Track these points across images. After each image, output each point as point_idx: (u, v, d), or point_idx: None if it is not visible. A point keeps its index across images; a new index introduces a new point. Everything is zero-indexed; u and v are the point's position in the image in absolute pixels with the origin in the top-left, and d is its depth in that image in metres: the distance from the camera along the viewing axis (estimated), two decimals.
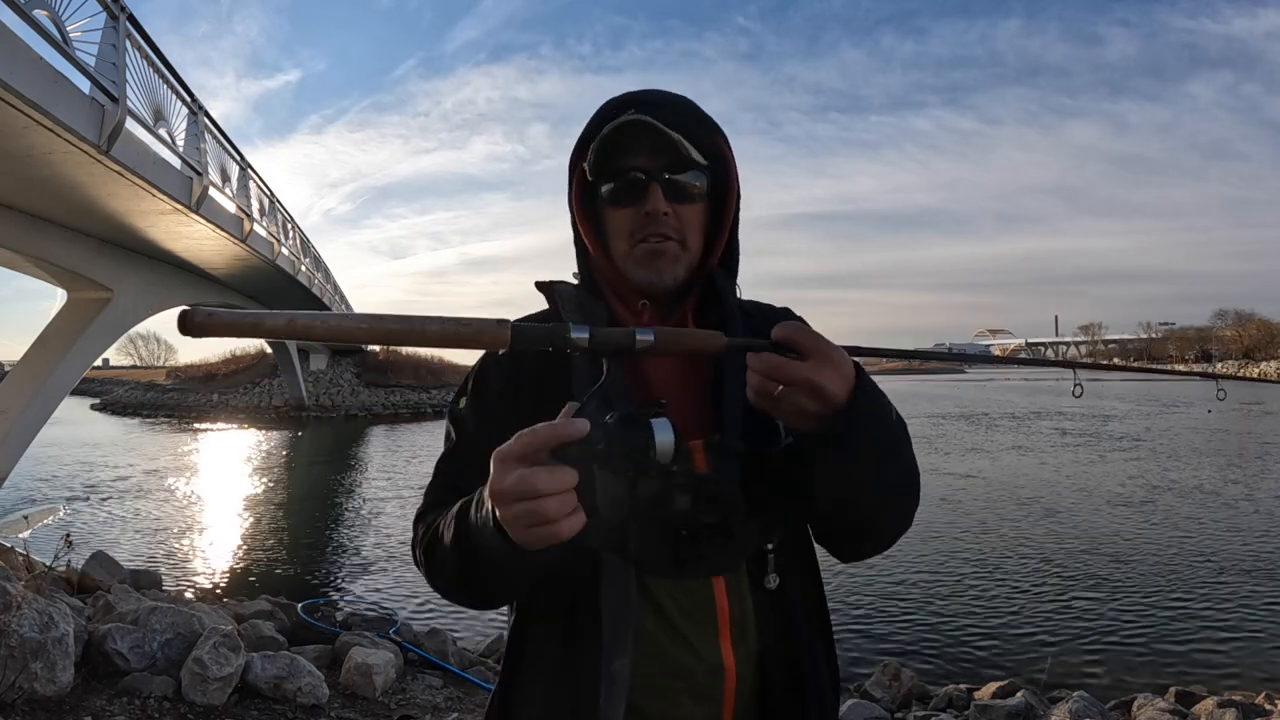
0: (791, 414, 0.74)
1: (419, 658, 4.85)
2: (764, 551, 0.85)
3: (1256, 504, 11.61)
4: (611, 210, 0.92)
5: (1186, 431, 22.39)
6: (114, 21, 6.50)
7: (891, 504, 0.84)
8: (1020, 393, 50.15)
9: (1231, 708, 4.25)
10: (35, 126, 5.60)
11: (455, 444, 0.96)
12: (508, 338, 0.67)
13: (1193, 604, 7.06)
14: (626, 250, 0.91)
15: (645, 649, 0.82)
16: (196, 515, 12.33)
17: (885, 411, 0.78)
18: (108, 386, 53.40)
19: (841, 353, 0.74)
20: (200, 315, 0.61)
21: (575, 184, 0.96)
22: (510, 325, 0.67)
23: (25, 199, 7.61)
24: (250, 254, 11.95)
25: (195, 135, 8.81)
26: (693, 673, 0.83)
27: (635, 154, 0.89)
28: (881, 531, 0.87)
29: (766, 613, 0.85)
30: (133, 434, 28.30)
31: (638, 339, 0.70)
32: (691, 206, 0.91)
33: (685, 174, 0.89)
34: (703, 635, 0.83)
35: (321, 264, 22.69)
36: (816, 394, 0.71)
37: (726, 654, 0.83)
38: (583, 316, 0.92)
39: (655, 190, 0.88)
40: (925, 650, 6.08)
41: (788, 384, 0.71)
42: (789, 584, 0.86)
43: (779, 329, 0.73)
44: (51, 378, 9.10)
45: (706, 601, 0.84)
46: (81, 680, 3.40)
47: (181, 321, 0.62)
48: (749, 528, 0.83)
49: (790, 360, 0.71)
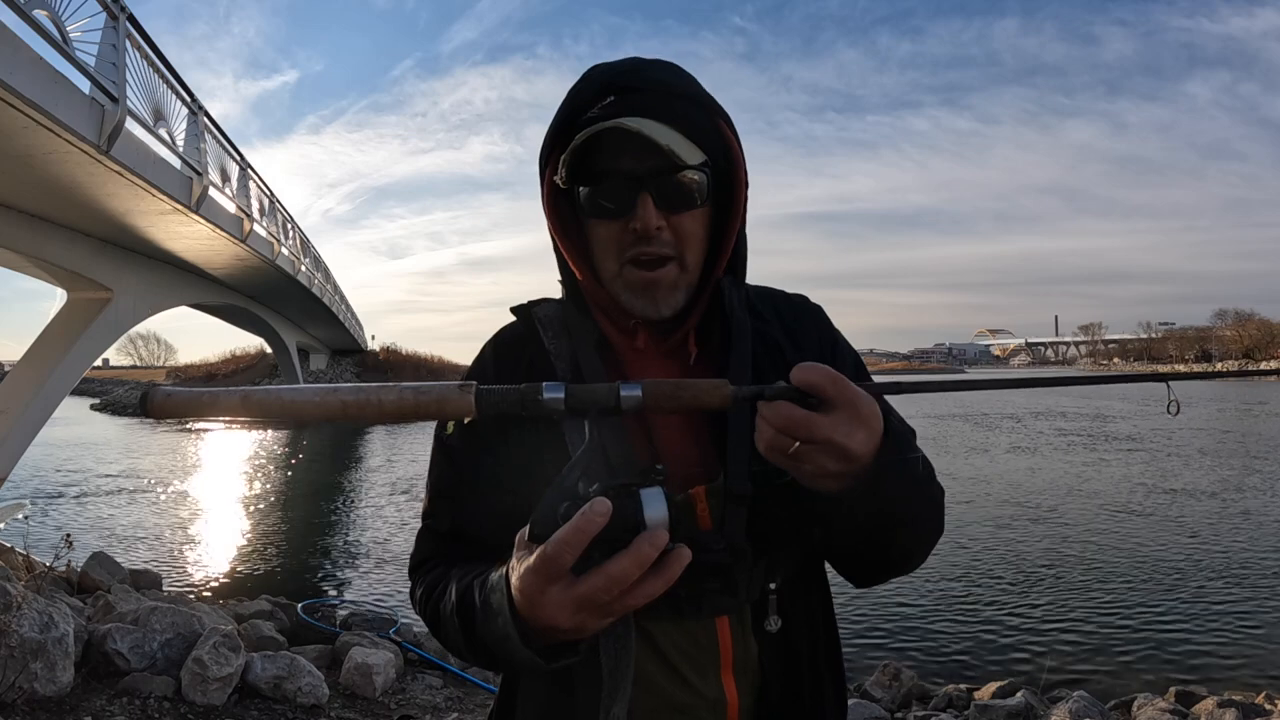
0: (809, 474, 0.64)
1: (419, 658, 4.85)
2: (766, 593, 0.77)
3: (1257, 504, 11.61)
4: (593, 223, 0.78)
5: (1187, 432, 22.38)
6: (114, 22, 6.50)
7: (912, 548, 0.78)
8: (1020, 393, 50.16)
9: (1231, 708, 4.25)
10: (35, 126, 5.59)
11: (448, 478, 0.86)
12: (472, 404, 0.61)
13: (1193, 604, 7.06)
14: (615, 271, 0.78)
15: (644, 687, 0.77)
16: (196, 515, 12.32)
17: (913, 465, 0.69)
18: (108, 386, 53.40)
19: (870, 403, 0.62)
20: (159, 396, 0.62)
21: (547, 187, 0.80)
22: (474, 390, 0.61)
23: (25, 199, 7.60)
24: (250, 254, 11.94)
25: (195, 135, 8.81)
26: (694, 709, 0.78)
27: (618, 153, 0.74)
28: (899, 567, 0.81)
29: (770, 651, 0.79)
30: (133, 434, 28.29)
31: (622, 395, 0.61)
32: (690, 215, 0.77)
33: (682, 175, 0.74)
34: (703, 674, 0.78)
35: (321, 264, 22.68)
36: (841, 456, 0.62)
37: (729, 689, 0.78)
38: (569, 339, 0.82)
39: (645, 200, 0.74)
40: (925, 650, 6.08)
41: (807, 442, 0.61)
42: (794, 626, 0.80)
43: (799, 371, 0.61)
44: (51, 378, 9.08)
45: (708, 642, 0.78)
46: (81, 680, 3.40)
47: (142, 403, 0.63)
48: (754, 572, 0.77)
49: (810, 414, 0.61)
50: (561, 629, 0.61)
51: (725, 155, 0.78)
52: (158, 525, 11.35)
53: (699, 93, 0.78)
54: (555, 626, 0.61)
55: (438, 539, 0.86)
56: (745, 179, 0.80)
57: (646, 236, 0.75)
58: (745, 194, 0.81)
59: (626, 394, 0.61)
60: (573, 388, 0.62)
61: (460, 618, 0.72)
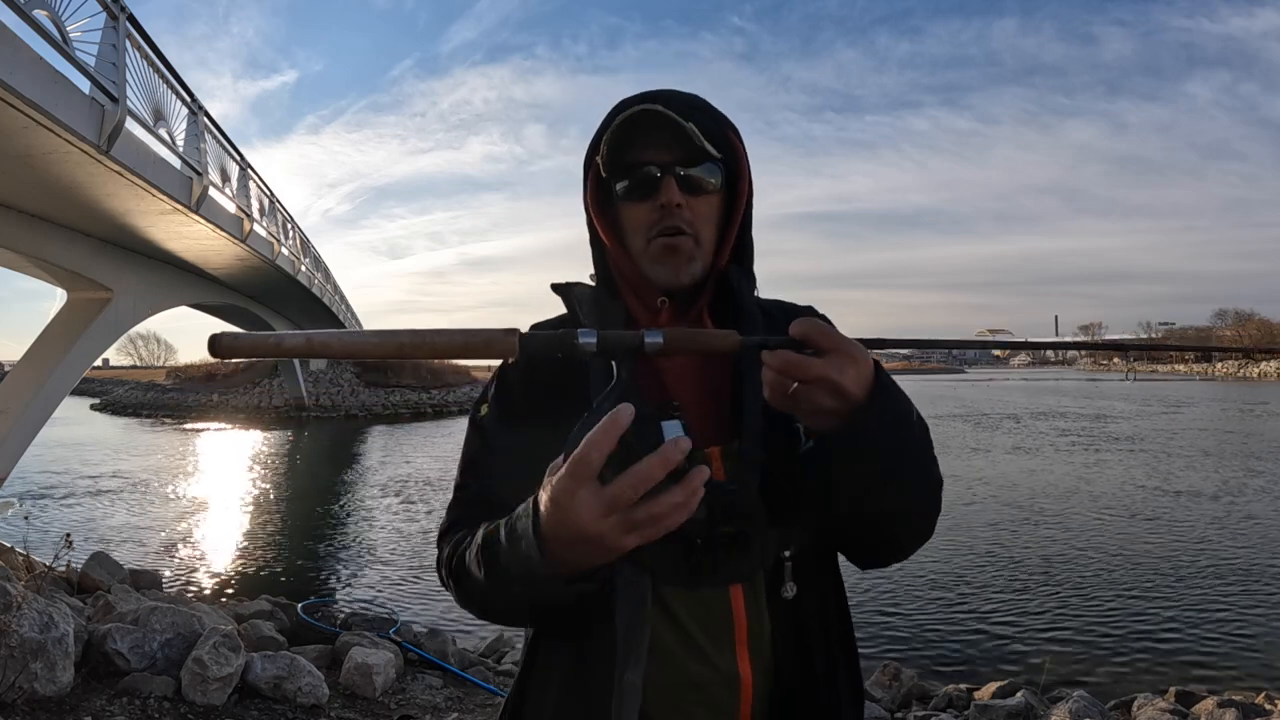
0: (809, 412, 0.72)
1: (419, 658, 4.85)
2: (781, 560, 0.83)
3: (1257, 504, 11.61)
4: (627, 206, 0.92)
5: (1186, 432, 22.39)
6: (114, 22, 6.50)
7: (911, 506, 0.82)
8: (1021, 393, 50.18)
9: (1231, 708, 4.25)
10: (35, 126, 5.59)
11: (481, 453, 0.94)
12: (515, 346, 0.67)
13: (1193, 604, 7.06)
14: (643, 246, 0.91)
15: (659, 660, 0.80)
16: (196, 515, 12.33)
17: (906, 412, 0.76)
18: (108, 386, 53.38)
19: (861, 349, 0.71)
20: (227, 339, 0.67)
21: (590, 182, 0.95)
22: (518, 334, 0.67)
23: (25, 199, 7.60)
24: (250, 254, 11.94)
25: (195, 135, 8.80)
26: (708, 685, 0.82)
27: (648, 148, 0.88)
28: (900, 536, 0.86)
29: (783, 623, 0.83)
30: (133, 434, 28.29)
31: (646, 340, 0.69)
32: (705, 199, 0.90)
33: (698, 167, 0.89)
34: (718, 647, 0.82)
35: (321, 264, 22.67)
36: (835, 391, 0.70)
37: (743, 665, 0.82)
38: (600, 317, 0.92)
39: (669, 183, 0.88)
40: (925, 650, 6.08)
41: (804, 381, 0.70)
42: (807, 593, 0.84)
43: (796, 324, 0.71)
44: (51, 378, 9.09)
45: (723, 612, 0.82)
46: (81, 680, 3.40)
47: (211, 345, 0.66)
48: (767, 536, 0.82)
49: (807, 357, 0.70)
50: (589, 536, 0.65)
51: (733, 159, 0.92)
52: (158, 525, 11.36)
53: (713, 109, 0.94)
54: (583, 534, 0.65)
55: (467, 504, 0.92)
56: (750, 179, 0.94)
57: (669, 212, 0.88)
58: (749, 189, 0.94)
59: (650, 339, 0.69)
60: (604, 333, 0.69)
61: (484, 553, 0.78)
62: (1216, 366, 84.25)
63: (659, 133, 0.86)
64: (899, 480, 0.77)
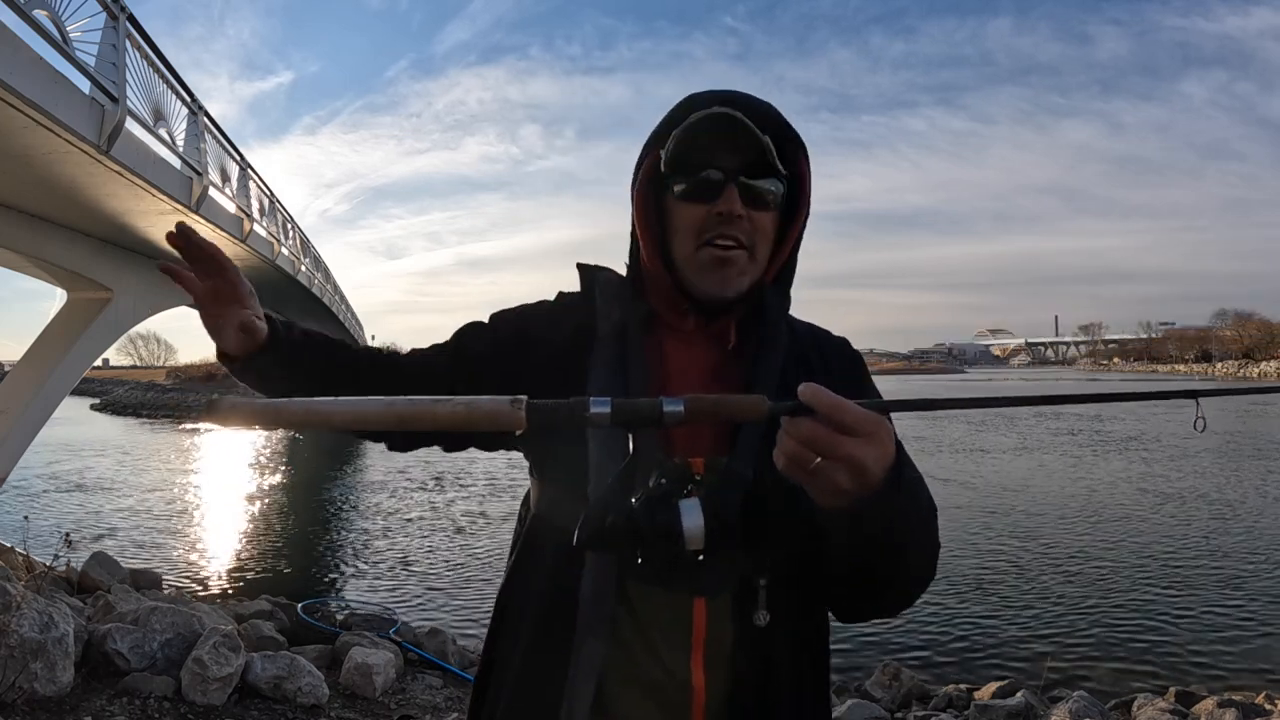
0: (822, 490, 0.67)
1: (419, 658, 4.85)
2: (755, 587, 0.80)
3: (1257, 504, 11.61)
4: (681, 206, 0.87)
5: (1186, 433, 22.38)
6: (114, 22, 6.49)
7: (909, 582, 0.81)
8: (1020, 393, 50.07)
9: (1231, 708, 4.25)
10: (35, 126, 5.59)
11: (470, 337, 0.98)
12: (522, 418, 0.62)
13: (1193, 604, 7.06)
14: (690, 252, 0.86)
15: (617, 653, 0.81)
16: (196, 515, 12.33)
17: (918, 498, 0.75)
18: (108, 386, 53.38)
19: (888, 429, 0.67)
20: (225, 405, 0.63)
21: (642, 174, 0.91)
22: (524, 404, 0.62)
23: (25, 199, 7.60)
24: (250, 254, 11.92)
25: (195, 135, 8.80)
26: (662, 687, 0.82)
27: (715, 151, 0.85)
28: (886, 604, 0.84)
29: (751, 649, 0.81)
30: (133, 434, 28.29)
31: (665, 410, 0.63)
32: (766, 214, 0.87)
33: (765, 180, 0.85)
34: (674, 651, 0.81)
35: (321, 264, 22.64)
36: (857, 473, 0.65)
37: (697, 674, 0.81)
38: (620, 310, 0.90)
39: (732, 191, 0.84)
40: (925, 650, 6.08)
41: (830, 459, 0.64)
42: (781, 626, 0.81)
43: (827, 400, 0.64)
44: (51, 378, 9.08)
45: (684, 620, 0.81)
46: (81, 680, 3.40)
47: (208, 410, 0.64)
48: (738, 557, 0.78)
49: (836, 434, 0.64)
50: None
51: (797, 180, 0.89)
52: (158, 525, 11.36)
53: (788, 126, 0.89)
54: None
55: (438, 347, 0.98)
56: (809, 205, 0.91)
57: (728, 221, 0.84)
58: (806, 215, 0.91)
59: (670, 409, 0.63)
60: (618, 404, 0.63)
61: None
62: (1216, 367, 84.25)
63: (730, 137, 0.83)
64: (897, 560, 0.76)
